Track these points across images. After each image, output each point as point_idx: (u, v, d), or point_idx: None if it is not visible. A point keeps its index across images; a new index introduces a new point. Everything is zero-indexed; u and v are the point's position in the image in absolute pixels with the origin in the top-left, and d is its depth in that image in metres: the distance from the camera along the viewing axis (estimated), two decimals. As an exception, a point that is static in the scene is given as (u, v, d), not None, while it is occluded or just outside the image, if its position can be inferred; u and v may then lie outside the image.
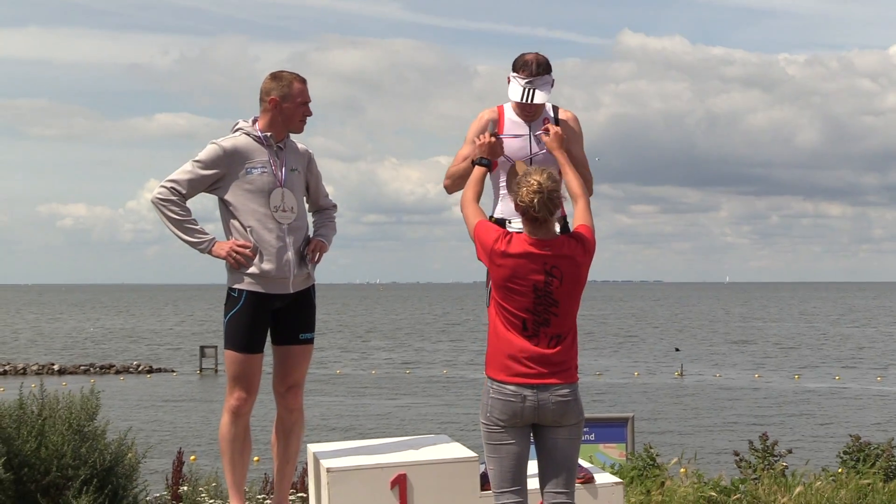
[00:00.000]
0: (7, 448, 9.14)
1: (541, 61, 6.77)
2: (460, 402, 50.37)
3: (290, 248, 6.71)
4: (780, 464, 11.83)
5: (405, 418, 47.08)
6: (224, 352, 6.82)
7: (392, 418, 46.76)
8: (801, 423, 43.50)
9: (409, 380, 67.33)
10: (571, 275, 5.95)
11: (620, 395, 53.45)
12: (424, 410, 50.65)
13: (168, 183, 6.62)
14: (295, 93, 6.73)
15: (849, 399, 54.91)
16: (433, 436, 7.58)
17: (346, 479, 6.66)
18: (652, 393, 57.80)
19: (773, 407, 51.47)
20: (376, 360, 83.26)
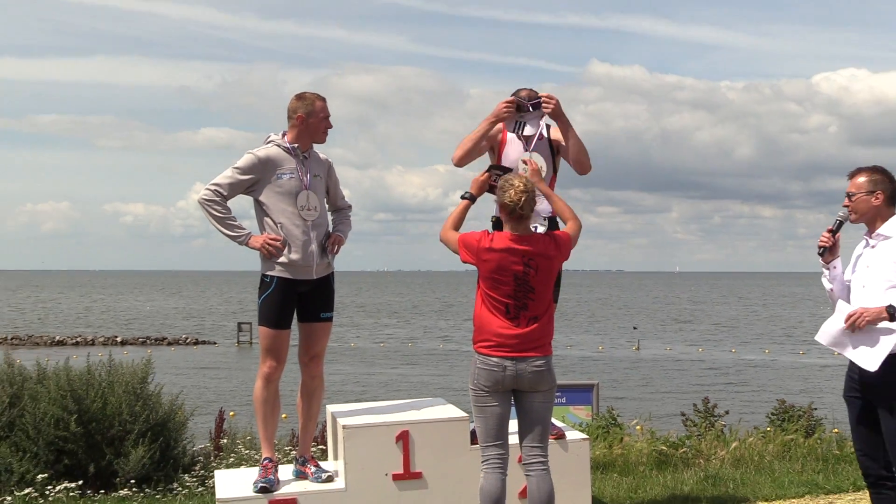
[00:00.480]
0: (78, 406, 9.14)
1: (533, 98, 6.81)
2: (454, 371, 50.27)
3: (314, 242, 6.75)
4: (720, 423, 11.82)
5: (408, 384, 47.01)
6: (258, 328, 6.86)
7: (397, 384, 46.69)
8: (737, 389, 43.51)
9: (412, 352, 67.21)
10: (545, 267, 6.03)
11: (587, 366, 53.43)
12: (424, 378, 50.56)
13: (212, 186, 6.66)
14: (317, 110, 6.77)
15: (777, 369, 54.94)
16: (431, 399, 7.59)
17: (359, 434, 6.69)
18: (613, 364, 57.76)
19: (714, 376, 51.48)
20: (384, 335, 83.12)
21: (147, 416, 9.41)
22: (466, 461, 6.69)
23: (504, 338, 5.99)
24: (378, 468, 6.66)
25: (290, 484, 6.77)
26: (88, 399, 9.27)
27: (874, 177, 5.86)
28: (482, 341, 6.05)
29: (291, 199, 6.70)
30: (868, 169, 5.93)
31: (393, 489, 6.67)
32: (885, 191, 5.83)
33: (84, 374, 9.57)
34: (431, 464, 6.73)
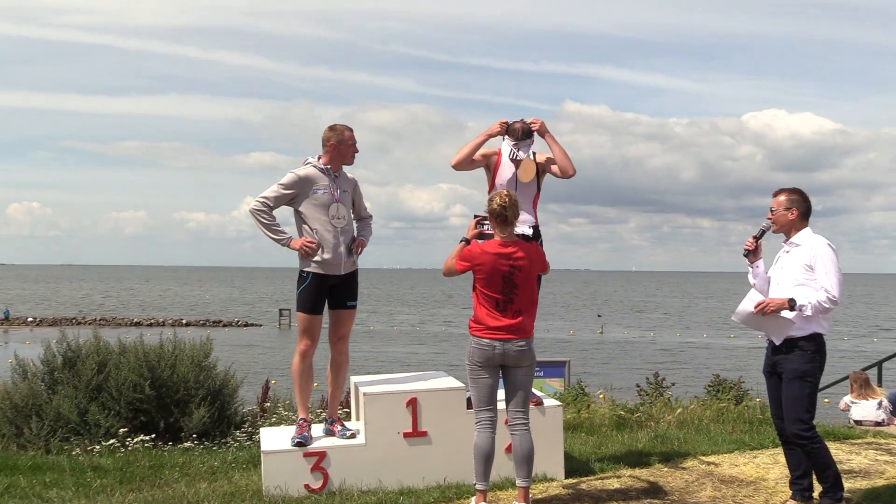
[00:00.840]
0: (151, 374, 9.19)
1: (525, 129, 6.83)
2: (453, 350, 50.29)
3: (342, 244, 6.77)
4: (667, 393, 11.84)
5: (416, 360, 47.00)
6: (296, 313, 6.86)
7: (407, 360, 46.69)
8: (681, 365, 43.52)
9: (419, 334, 67.22)
10: (526, 268, 6.05)
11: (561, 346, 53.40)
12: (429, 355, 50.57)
13: (261, 198, 6.71)
14: (346, 138, 6.80)
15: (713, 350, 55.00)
16: (435, 372, 7.58)
17: (377, 400, 6.70)
18: (582, 345, 57.77)
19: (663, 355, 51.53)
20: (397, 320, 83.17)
21: (207, 383, 9.47)
22: (463, 422, 6.68)
23: (494, 326, 6.02)
24: (392, 427, 6.67)
25: (321, 440, 6.78)
26: (160, 369, 9.31)
27: (792, 196, 6.00)
28: (477, 327, 6.08)
29: (324, 209, 6.73)
30: (787, 190, 6.06)
31: (404, 445, 6.68)
32: (799, 208, 5.97)
33: (156, 349, 9.62)
34: (435, 424, 6.73)
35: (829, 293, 5.68)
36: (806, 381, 5.79)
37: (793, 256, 5.91)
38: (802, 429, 5.76)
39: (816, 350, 5.82)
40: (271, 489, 6.48)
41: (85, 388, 9.21)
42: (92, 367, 9.35)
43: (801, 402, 5.78)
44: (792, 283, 5.83)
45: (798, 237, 5.94)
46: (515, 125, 6.84)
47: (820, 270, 5.76)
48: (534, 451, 6.13)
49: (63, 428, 8.98)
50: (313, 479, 6.55)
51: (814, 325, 5.79)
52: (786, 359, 5.84)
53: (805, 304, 5.69)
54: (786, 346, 5.85)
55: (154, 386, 9.17)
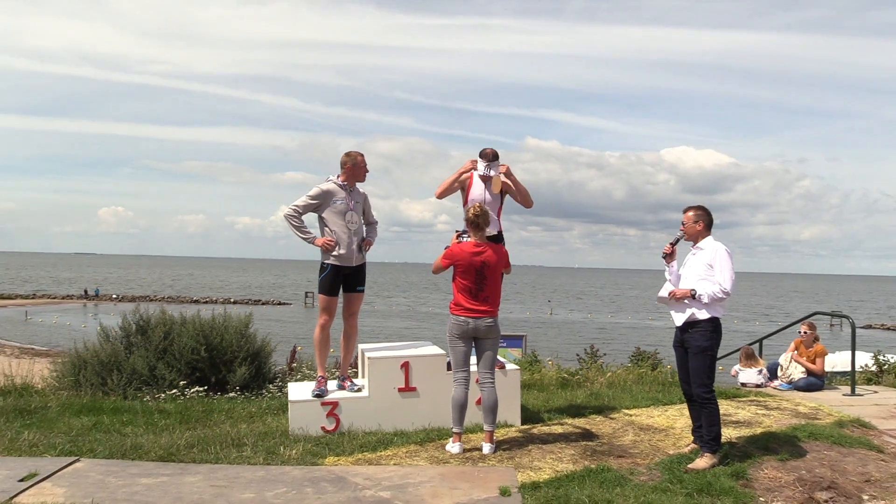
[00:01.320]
0: (206, 340, 9.12)
1: (493, 153, 6.85)
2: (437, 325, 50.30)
3: (354, 243, 6.74)
4: (600, 361, 11.83)
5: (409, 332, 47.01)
6: (318, 295, 6.85)
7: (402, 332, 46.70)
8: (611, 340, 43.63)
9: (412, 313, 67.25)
10: (494, 264, 6.08)
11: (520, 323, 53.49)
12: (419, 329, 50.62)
13: (293, 207, 6.69)
14: (359, 162, 6.79)
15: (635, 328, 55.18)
16: (423, 342, 7.54)
17: (378, 363, 6.66)
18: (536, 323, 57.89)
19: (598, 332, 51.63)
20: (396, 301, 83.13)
21: (247, 347, 9.40)
22: (443, 381, 6.65)
23: (468, 308, 6.04)
24: (389, 384, 6.63)
25: (334, 392, 6.74)
26: (212, 336, 9.25)
27: (698, 212, 6.03)
28: (455, 308, 6.10)
29: (341, 216, 6.70)
30: (695, 207, 6.09)
31: (398, 397, 6.63)
32: (704, 221, 6.02)
33: (209, 321, 9.55)
34: (422, 382, 6.69)
35: (723, 286, 5.75)
36: (707, 354, 5.84)
37: (698, 258, 5.95)
38: (704, 391, 5.81)
39: (714, 330, 5.85)
40: (296, 430, 6.45)
41: (154, 350, 9.15)
42: (160, 333, 9.30)
43: (704, 371, 5.84)
44: (696, 278, 5.87)
45: (703, 243, 5.98)
46: (486, 151, 6.87)
47: (717, 269, 5.81)
48: (497, 403, 6.14)
49: (137, 380, 8.92)
50: (328, 423, 6.51)
51: (713, 310, 5.81)
52: (691, 337, 5.87)
53: (703, 294, 5.77)
54: (691, 326, 5.87)
55: (207, 349, 9.12)
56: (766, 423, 7.29)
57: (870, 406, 8.60)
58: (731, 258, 5.87)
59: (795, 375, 9.94)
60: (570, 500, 4.81)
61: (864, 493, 5.35)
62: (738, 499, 5.01)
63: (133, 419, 7.43)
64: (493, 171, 6.85)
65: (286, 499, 4.82)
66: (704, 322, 5.82)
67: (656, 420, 7.32)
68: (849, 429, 7.13)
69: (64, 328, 45.57)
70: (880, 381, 10.96)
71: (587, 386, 9.84)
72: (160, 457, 5.76)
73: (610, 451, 6.13)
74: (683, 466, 5.63)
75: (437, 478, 5.28)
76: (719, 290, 5.75)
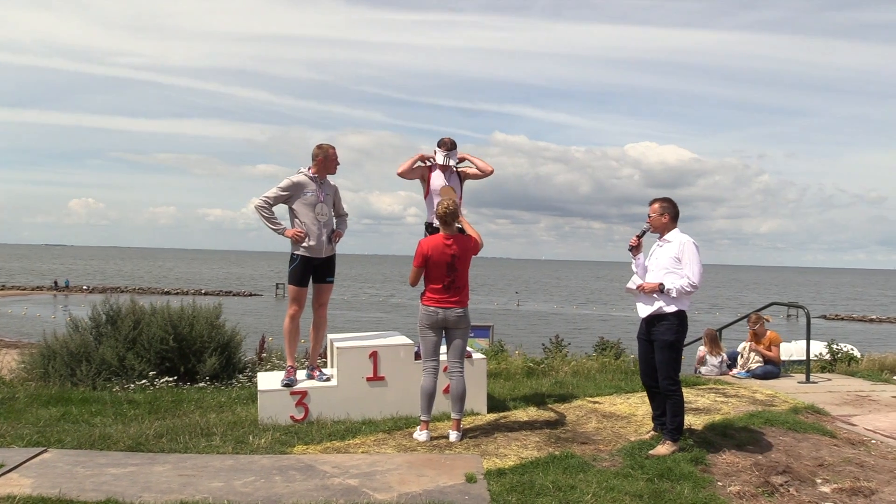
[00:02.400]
0: (175, 331, 9.02)
1: (451, 142, 6.90)
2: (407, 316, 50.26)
3: (324, 235, 6.70)
4: (565, 350, 11.89)
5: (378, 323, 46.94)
6: (288, 286, 6.80)
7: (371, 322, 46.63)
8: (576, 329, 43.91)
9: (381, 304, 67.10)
10: (463, 256, 6.07)
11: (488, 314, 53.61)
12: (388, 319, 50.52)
13: (263, 198, 6.63)
14: (330, 155, 6.74)
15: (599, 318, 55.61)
16: (391, 332, 7.52)
17: (347, 353, 6.63)
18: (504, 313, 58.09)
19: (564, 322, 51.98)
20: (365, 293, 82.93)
21: (217, 338, 9.31)
22: (412, 370, 6.65)
23: (439, 299, 6.04)
24: (358, 374, 6.60)
25: (304, 382, 6.70)
26: (181, 326, 9.14)
27: (664, 204, 5.98)
28: (427, 299, 6.08)
29: (311, 208, 6.65)
30: (661, 199, 6.03)
31: (366, 386, 6.61)
32: (670, 213, 5.96)
33: (179, 311, 9.45)
34: (390, 371, 6.67)
35: (691, 280, 5.70)
36: (674, 348, 5.83)
37: (664, 250, 5.89)
38: (670, 383, 5.81)
39: (681, 323, 5.83)
40: (265, 419, 6.40)
41: (123, 340, 9.03)
42: (129, 324, 9.17)
43: (671, 364, 5.83)
44: (663, 272, 5.82)
45: (669, 235, 5.91)
46: (444, 140, 6.95)
47: (685, 262, 5.76)
48: (465, 391, 6.15)
49: (106, 370, 8.80)
50: (297, 412, 6.47)
51: (679, 303, 5.79)
52: (658, 330, 5.83)
53: (671, 288, 5.72)
54: (658, 319, 5.83)
55: (176, 339, 9.02)
56: (725, 410, 7.39)
57: (823, 393, 8.76)
58: (699, 251, 5.83)
59: (753, 364, 10.09)
60: (534, 485, 4.84)
61: (818, 476, 5.45)
62: (697, 483, 5.06)
63: (102, 409, 7.34)
64: (452, 161, 6.90)
65: (254, 487, 4.78)
66: (671, 315, 5.79)
67: (619, 408, 7.38)
68: (803, 415, 7.25)
69: (33, 319, 44.78)
70: (833, 369, 11.16)
71: (552, 375, 9.89)
72: (129, 447, 5.69)
73: (574, 437, 6.17)
74: (645, 453, 5.68)
75: (405, 465, 5.28)
76: (687, 283, 5.70)
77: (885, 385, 9.61)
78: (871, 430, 6.92)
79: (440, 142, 6.94)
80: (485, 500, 4.60)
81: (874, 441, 6.51)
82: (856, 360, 11.47)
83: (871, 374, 10.39)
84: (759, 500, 4.93)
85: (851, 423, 7.16)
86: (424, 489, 4.77)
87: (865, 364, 11.14)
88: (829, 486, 5.25)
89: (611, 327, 46.49)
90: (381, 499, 4.58)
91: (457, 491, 4.75)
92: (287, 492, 4.69)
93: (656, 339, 5.86)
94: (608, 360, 10.84)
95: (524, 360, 10.60)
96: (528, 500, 4.61)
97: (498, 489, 4.78)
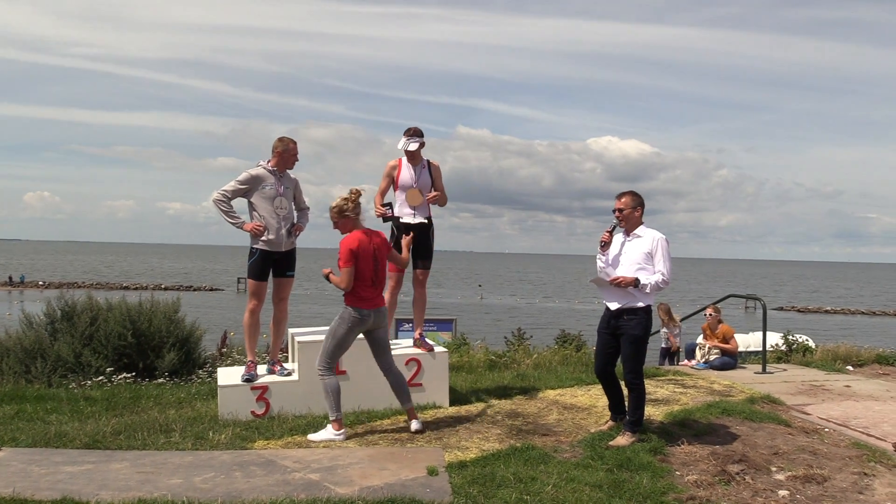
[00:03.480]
0: (133, 326, 8.89)
1: (415, 129, 6.99)
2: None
3: (283, 228, 6.64)
4: (527, 343, 11.97)
5: (342, 316, 46.71)
6: (248, 280, 6.73)
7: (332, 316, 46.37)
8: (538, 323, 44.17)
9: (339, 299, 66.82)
10: (382, 249, 6.05)
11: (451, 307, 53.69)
12: (352, 313, 50.37)
13: (222, 191, 6.56)
14: (290, 149, 6.68)
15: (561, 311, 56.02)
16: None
17: (308, 347, 6.60)
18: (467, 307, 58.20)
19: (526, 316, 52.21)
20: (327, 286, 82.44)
21: (176, 332, 9.21)
22: (373, 364, 6.65)
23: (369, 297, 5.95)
24: (319, 367, 6.59)
25: (264, 377, 6.65)
26: (139, 322, 9.03)
27: (635, 198, 5.93)
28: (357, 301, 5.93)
29: (270, 201, 6.59)
30: (629, 193, 5.96)
31: (328, 380, 6.60)
32: (641, 207, 5.95)
33: (137, 307, 9.33)
34: (352, 365, 6.64)
35: (664, 275, 5.75)
36: (641, 342, 5.87)
37: (636, 245, 5.87)
38: (634, 377, 5.83)
39: (648, 318, 5.87)
40: (225, 414, 6.35)
41: (80, 336, 8.88)
42: (86, 320, 9.03)
43: (636, 357, 5.85)
44: (634, 266, 5.81)
45: (640, 230, 5.90)
46: (410, 129, 6.99)
47: (657, 258, 5.78)
48: (405, 379, 6.16)
49: (62, 367, 8.65)
50: (258, 407, 6.43)
51: (648, 298, 5.83)
52: (627, 324, 5.82)
53: (646, 284, 5.73)
54: (626, 313, 5.82)
55: (135, 335, 8.90)
56: (683, 400, 7.50)
57: (779, 383, 8.93)
58: (669, 246, 5.85)
59: (712, 356, 10.25)
60: (495, 477, 4.86)
61: (773, 464, 5.56)
62: (656, 473, 5.14)
63: (58, 407, 7.21)
64: (413, 146, 6.90)
65: (214, 483, 4.74)
66: (640, 310, 5.81)
67: (580, 399, 7.45)
68: (759, 405, 7.39)
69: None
70: (789, 359, 11.38)
71: (514, 367, 9.94)
72: (85, 444, 5.59)
73: (535, 429, 6.22)
74: (605, 444, 5.74)
75: (366, 459, 5.27)
76: (661, 279, 5.74)
77: (838, 375, 9.84)
78: (825, 418, 7.09)
79: (406, 131, 7.01)
80: (446, 492, 4.62)
81: (827, 429, 6.66)
82: (810, 351, 11.71)
83: (825, 364, 10.62)
84: (715, 489, 5.02)
85: (805, 413, 7.32)
86: (386, 483, 4.77)
87: (820, 354, 11.38)
88: (784, 474, 5.37)
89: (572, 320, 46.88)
90: (343, 493, 4.57)
91: (418, 484, 4.75)
92: (247, 487, 4.66)
93: (625, 332, 5.84)
94: (569, 352, 10.93)
95: (486, 353, 10.63)
96: (489, 492, 4.64)
97: (460, 482, 4.80)
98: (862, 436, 6.53)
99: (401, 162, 7.00)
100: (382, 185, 7.04)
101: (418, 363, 6.86)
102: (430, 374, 6.87)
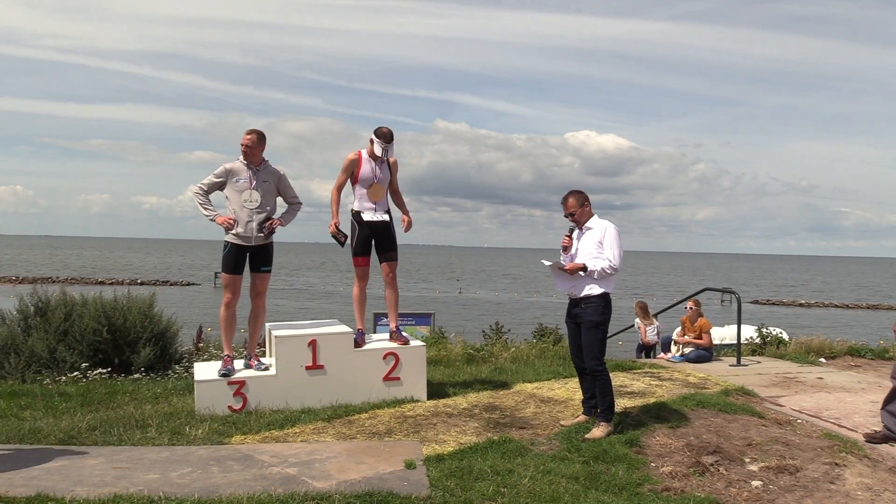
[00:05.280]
0: (108, 321, 8.81)
1: (390, 134, 6.91)
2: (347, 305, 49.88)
3: (254, 223, 6.59)
4: (504, 337, 11.99)
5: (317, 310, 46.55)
6: (221, 274, 6.71)
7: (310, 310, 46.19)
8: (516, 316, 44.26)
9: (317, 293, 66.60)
10: None
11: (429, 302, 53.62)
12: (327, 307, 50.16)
13: (199, 185, 6.59)
14: (242, 140, 6.63)
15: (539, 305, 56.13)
16: (330, 320, 7.48)
17: (285, 341, 6.59)
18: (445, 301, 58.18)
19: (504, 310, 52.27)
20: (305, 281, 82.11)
21: (151, 328, 9.13)
22: (351, 358, 6.66)
23: None
24: (297, 362, 6.57)
25: (241, 371, 6.63)
26: (115, 317, 8.94)
27: (579, 196, 6.14)
28: None
29: (240, 194, 6.59)
30: (573, 192, 6.17)
31: (305, 375, 6.58)
32: (588, 202, 6.15)
33: (112, 302, 9.24)
34: (329, 360, 6.65)
35: (612, 262, 5.91)
36: (599, 329, 5.99)
37: (588, 237, 6.06)
38: (596, 364, 5.97)
39: (605, 305, 6.00)
40: (202, 409, 6.32)
41: (54, 332, 8.78)
42: (60, 315, 8.93)
43: (596, 345, 5.99)
44: (589, 257, 5.99)
45: (591, 223, 6.09)
46: (384, 130, 6.89)
47: (606, 245, 5.96)
48: None
49: (36, 363, 8.56)
50: (235, 402, 6.41)
51: (603, 285, 5.97)
52: (584, 311, 6.00)
53: (594, 270, 5.91)
54: (583, 302, 6.00)
55: (110, 330, 8.81)
56: (659, 393, 7.57)
57: (753, 375, 9.04)
58: (619, 235, 6.04)
59: (687, 349, 10.36)
60: (472, 470, 4.89)
61: (747, 455, 5.64)
62: (632, 465, 5.19)
63: (32, 403, 7.14)
64: (389, 154, 6.90)
65: (191, 478, 4.73)
66: (595, 297, 5.96)
67: (557, 392, 7.50)
68: (734, 397, 7.49)
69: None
70: (763, 352, 11.51)
71: (492, 361, 9.97)
72: (60, 440, 5.55)
73: (512, 423, 6.26)
74: (581, 436, 5.79)
75: (344, 453, 5.28)
76: (608, 265, 5.91)
77: (811, 367, 9.97)
78: (797, 410, 7.19)
79: (379, 132, 6.88)
80: (424, 486, 4.64)
81: (800, 421, 6.76)
82: (784, 344, 11.85)
83: (798, 356, 10.76)
84: (690, 480, 5.08)
85: (779, 404, 7.42)
86: (364, 476, 4.79)
87: (793, 347, 11.52)
88: (757, 465, 5.45)
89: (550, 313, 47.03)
90: (320, 487, 4.57)
91: (396, 477, 4.77)
92: (225, 482, 4.65)
93: (582, 320, 6.01)
94: (547, 345, 10.97)
95: (464, 346, 10.64)
96: (466, 485, 4.67)
97: (437, 475, 4.82)
98: (834, 427, 6.64)
99: (360, 155, 6.98)
100: (341, 180, 6.96)
101: (396, 357, 6.87)
102: (407, 368, 6.88)
